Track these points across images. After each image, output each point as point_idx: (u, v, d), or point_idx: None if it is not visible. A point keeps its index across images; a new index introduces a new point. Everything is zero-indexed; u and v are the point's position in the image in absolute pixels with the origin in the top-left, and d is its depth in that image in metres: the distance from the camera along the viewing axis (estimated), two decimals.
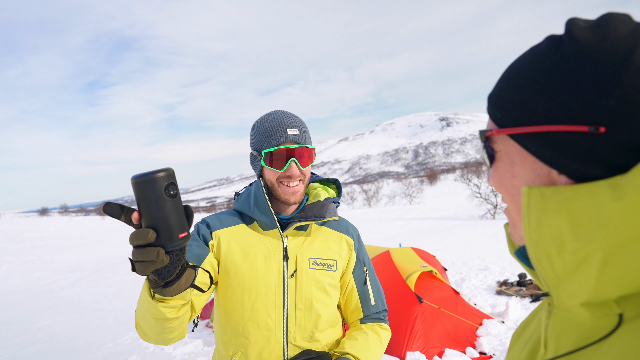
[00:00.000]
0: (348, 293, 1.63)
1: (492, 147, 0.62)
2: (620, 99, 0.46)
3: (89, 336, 6.51)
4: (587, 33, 0.51)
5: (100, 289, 10.35)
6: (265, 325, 1.45)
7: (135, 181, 0.86)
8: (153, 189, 0.86)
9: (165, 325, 1.19)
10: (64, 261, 16.07)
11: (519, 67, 0.57)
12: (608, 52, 0.48)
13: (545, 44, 0.55)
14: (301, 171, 1.48)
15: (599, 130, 0.47)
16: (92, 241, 24.66)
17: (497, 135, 0.60)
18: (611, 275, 0.47)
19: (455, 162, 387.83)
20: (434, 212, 32.08)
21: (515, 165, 0.58)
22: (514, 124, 0.56)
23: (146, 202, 0.87)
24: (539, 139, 0.53)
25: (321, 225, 1.61)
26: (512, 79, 0.57)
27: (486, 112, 0.64)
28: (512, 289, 6.79)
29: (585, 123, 0.48)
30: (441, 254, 10.34)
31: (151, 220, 0.88)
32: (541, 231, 0.52)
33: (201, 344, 5.54)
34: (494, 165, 0.63)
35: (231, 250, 1.49)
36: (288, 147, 1.45)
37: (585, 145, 0.48)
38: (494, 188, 0.65)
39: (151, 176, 0.85)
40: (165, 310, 1.12)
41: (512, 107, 0.57)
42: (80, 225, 40.53)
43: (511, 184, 0.59)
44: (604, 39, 0.49)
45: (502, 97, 0.59)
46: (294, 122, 1.48)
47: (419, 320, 4.55)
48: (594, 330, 0.52)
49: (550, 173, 0.54)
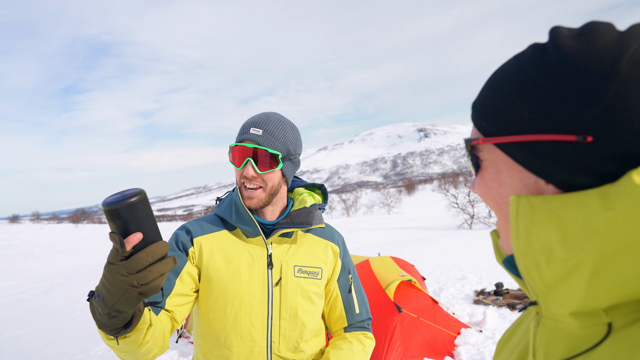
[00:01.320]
0: (332, 301, 1.61)
1: (478, 155, 0.61)
2: (608, 108, 0.46)
3: (60, 347, 6.31)
4: (572, 42, 0.50)
5: (72, 298, 10.07)
6: (249, 336, 1.42)
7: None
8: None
9: (137, 352, 1.15)
10: (34, 270, 15.61)
11: (504, 76, 0.57)
12: (594, 61, 0.48)
13: (530, 52, 0.55)
14: (259, 175, 1.41)
15: (586, 140, 0.47)
16: (65, 249, 24.04)
17: (483, 144, 0.60)
18: (601, 285, 0.46)
19: (432, 173, 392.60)
20: (412, 222, 32.35)
21: (502, 175, 0.57)
22: (501, 133, 0.56)
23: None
24: (526, 148, 0.52)
25: (306, 232, 1.57)
26: (498, 87, 0.57)
27: (470, 120, 0.63)
28: (489, 298, 6.85)
29: (572, 132, 0.48)
30: (419, 263, 10.39)
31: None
32: (530, 240, 0.51)
33: (177, 355, 5.41)
34: (480, 174, 0.62)
35: (213, 257, 1.44)
36: (245, 146, 1.39)
37: (573, 155, 0.48)
38: (480, 197, 0.63)
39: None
40: (132, 341, 1.08)
41: (498, 116, 0.56)
42: (52, 233, 39.50)
43: (498, 193, 0.59)
44: (590, 47, 0.49)
45: (488, 105, 0.58)
46: (265, 123, 1.42)
47: (398, 329, 4.54)
48: (583, 340, 0.51)
49: (538, 182, 0.53)
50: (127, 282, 0.86)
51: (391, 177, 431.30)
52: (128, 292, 0.88)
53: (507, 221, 0.59)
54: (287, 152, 1.44)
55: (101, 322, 0.96)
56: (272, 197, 1.46)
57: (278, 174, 1.45)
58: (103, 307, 0.92)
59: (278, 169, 1.43)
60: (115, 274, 0.86)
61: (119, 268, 0.86)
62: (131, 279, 0.86)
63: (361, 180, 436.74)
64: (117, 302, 0.89)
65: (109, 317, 0.93)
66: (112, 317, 0.93)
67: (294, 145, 1.47)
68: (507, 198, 0.57)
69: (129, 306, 0.90)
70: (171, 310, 1.37)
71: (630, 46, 0.47)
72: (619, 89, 0.45)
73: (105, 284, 0.89)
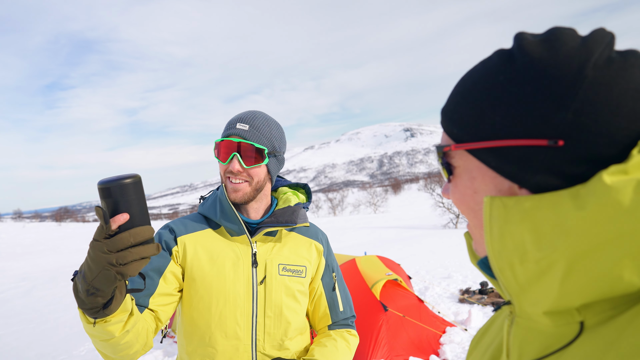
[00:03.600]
0: (316, 299, 1.61)
1: (450, 162, 0.61)
2: (577, 113, 0.47)
3: (42, 347, 6.21)
4: (538, 47, 0.51)
5: (55, 298, 9.90)
6: (234, 334, 1.41)
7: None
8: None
9: (118, 342, 1.13)
10: (16, 269, 15.32)
11: (473, 82, 0.57)
12: (561, 67, 0.49)
13: (496, 58, 0.56)
14: (245, 169, 1.42)
15: (557, 144, 0.48)
16: (47, 248, 23.70)
17: (455, 151, 0.59)
18: (574, 284, 0.47)
19: (418, 172, 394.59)
20: (398, 221, 32.52)
21: (476, 181, 0.57)
22: (472, 139, 0.56)
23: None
24: (498, 153, 0.53)
25: (290, 230, 1.58)
26: (467, 93, 0.57)
27: (442, 126, 0.63)
28: (474, 297, 6.92)
29: (544, 137, 0.49)
30: (405, 262, 10.44)
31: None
32: (504, 241, 0.52)
33: (161, 355, 5.37)
34: (454, 181, 0.62)
35: (198, 256, 1.43)
36: (231, 140, 1.40)
37: (545, 159, 0.49)
38: (454, 204, 0.63)
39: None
40: (111, 328, 1.07)
41: (469, 122, 0.56)
42: (34, 231, 38.92)
43: (473, 199, 0.59)
44: (556, 53, 0.50)
45: (458, 111, 0.58)
46: (250, 119, 1.43)
47: (384, 328, 4.56)
48: (556, 339, 0.52)
49: (512, 187, 0.53)
50: (107, 259, 0.88)
51: (377, 177, 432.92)
52: (106, 270, 0.89)
53: (481, 227, 0.59)
54: (272, 148, 1.45)
55: (81, 300, 0.97)
56: (257, 192, 1.47)
57: (264, 169, 1.45)
58: (83, 283, 0.93)
59: (264, 164, 1.44)
60: (97, 251, 0.89)
61: (101, 245, 0.88)
62: (111, 257, 0.88)
63: (348, 179, 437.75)
64: (95, 279, 0.91)
65: (87, 294, 0.94)
66: (90, 294, 0.94)
67: (279, 142, 1.48)
68: (482, 204, 0.57)
69: (106, 284, 0.91)
70: (155, 310, 1.35)
71: (595, 51, 0.48)
72: (586, 93, 0.47)
73: (88, 260, 0.92)
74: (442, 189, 0.66)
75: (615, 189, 0.43)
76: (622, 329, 0.45)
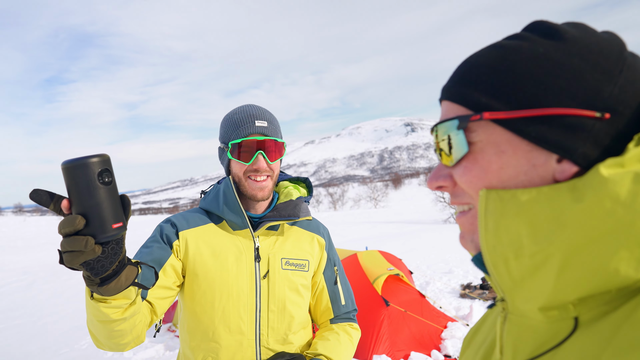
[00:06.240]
0: (319, 293, 1.62)
1: (469, 137, 0.56)
2: (622, 88, 0.48)
3: (43, 341, 6.21)
4: (574, 29, 0.52)
5: (56, 291, 9.93)
6: (238, 329, 1.40)
7: (65, 166, 0.80)
8: (85, 175, 0.80)
9: (112, 328, 1.11)
10: (17, 262, 15.36)
11: (503, 53, 0.54)
12: (604, 46, 0.50)
13: (531, 33, 0.54)
14: (269, 165, 1.42)
15: (604, 117, 0.48)
16: (48, 242, 23.72)
17: (478, 124, 0.55)
18: (570, 278, 0.47)
19: (419, 167, 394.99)
20: (398, 216, 32.58)
21: (505, 155, 0.52)
22: (510, 108, 0.52)
23: (77, 188, 0.80)
24: (542, 123, 0.50)
25: (292, 224, 1.57)
26: (498, 63, 0.53)
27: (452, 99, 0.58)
28: (475, 292, 6.92)
29: (593, 108, 0.48)
30: (406, 257, 10.45)
31: (82, 207, 0.81)
32: (499, 235, 0.51)
33: (162, 349, 5.38)
34: (470, 159, 0.56)
35: (200, 251, 1.42)
36: (256, 139, 1.39)
37: (593, 131, 0.49)
38: (464, 186, 0.57)
39: (83, 161, 0.79)
40: (108, 311, 1.04)
41: (505, 91, 0.52)
42: (35, 225, 39.01)
43: (497, 177, 0.53)
44: (594, 35, 0.51)
45: (485, 81, 0.54)
46: (264, 114, 1.44)
47: (386, 323, 4.56)
48: (551, 335, 0.52)
49: (548, 161, 0.50)
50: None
51: (378, 171, 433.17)
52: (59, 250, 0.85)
53: None
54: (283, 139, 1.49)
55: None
56: (274, 185, 1.50)
57: (279, 162, 1.48)
58: None
59: (283, 157, 1.48)
60: None
61: None
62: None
63: (348, 174, 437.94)
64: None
65: None
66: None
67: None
68: (507, 183, 0.53)
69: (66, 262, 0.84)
70: (152, 303, 1.34)
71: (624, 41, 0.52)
72: (627, 73, 0.49)
73: None
74: (432, 175, 0.61)
75: (612, 182, 0.43)
76: (618, 324, 0.44)
